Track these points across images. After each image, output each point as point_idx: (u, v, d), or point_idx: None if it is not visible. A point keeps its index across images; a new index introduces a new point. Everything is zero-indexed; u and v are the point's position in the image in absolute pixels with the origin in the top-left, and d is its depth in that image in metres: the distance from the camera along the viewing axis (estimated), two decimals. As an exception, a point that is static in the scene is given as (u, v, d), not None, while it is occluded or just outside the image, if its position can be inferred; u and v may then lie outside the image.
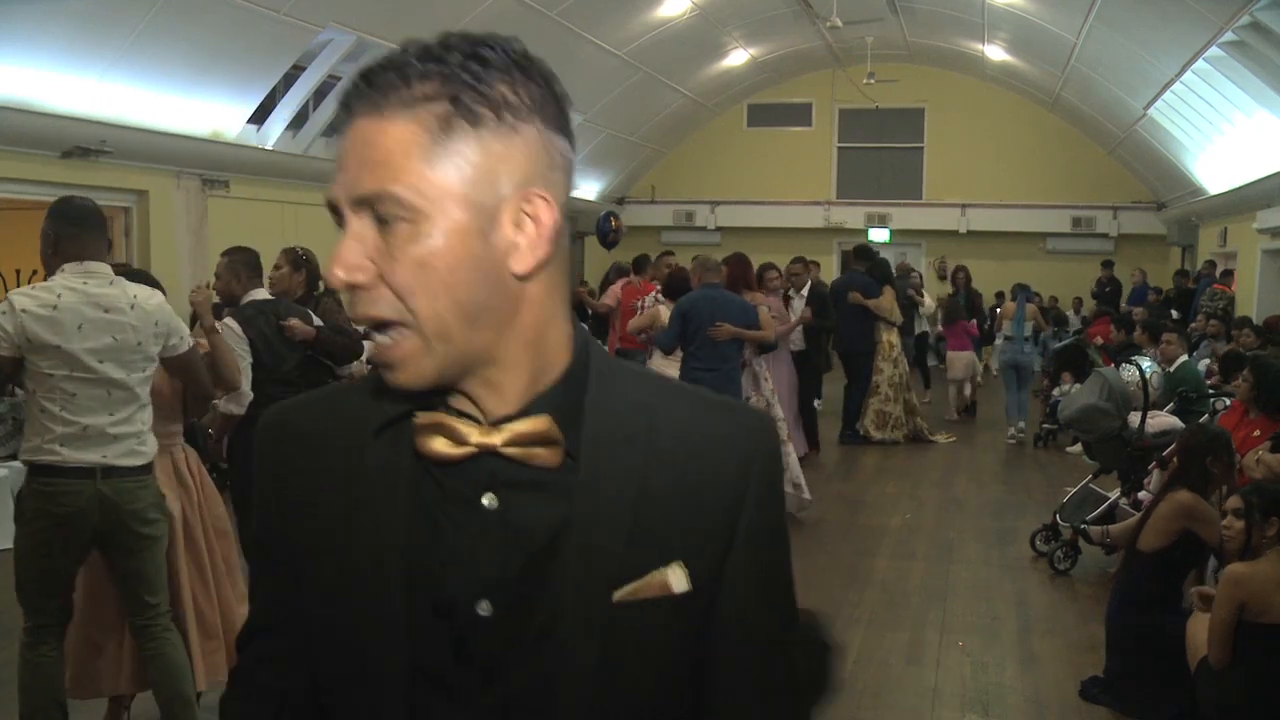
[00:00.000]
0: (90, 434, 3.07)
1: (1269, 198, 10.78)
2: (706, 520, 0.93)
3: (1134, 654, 4.11)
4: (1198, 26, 9.11)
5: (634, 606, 0.90)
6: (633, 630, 0.90)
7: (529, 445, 0.89)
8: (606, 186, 17.49)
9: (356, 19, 9.16)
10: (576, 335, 0.95)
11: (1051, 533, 6.14)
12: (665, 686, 0.94)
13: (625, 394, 0.94)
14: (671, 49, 13.42)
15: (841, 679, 4.04)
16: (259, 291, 4.48)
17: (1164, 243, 16.13)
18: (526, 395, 0.90)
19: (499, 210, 0.86)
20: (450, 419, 0.89)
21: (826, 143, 18.09)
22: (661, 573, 0.91)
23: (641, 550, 0.90)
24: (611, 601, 0.89)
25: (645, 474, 0.91)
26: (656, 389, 0.97)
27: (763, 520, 0.96)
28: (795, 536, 6.59)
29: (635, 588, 0.90)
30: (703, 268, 6.61)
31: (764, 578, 0.97)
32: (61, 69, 7.04)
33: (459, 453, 0.88)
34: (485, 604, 0.89)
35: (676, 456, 0.93)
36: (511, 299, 0.88)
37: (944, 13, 13.68)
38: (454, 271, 0.84)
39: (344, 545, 0.93)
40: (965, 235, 17.18)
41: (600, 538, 0.89)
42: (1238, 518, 3.68)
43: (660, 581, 0.91)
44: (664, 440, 0.93)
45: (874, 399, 9.73)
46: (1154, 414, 6.15)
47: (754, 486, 0.95)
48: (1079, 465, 7.99)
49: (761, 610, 0.98)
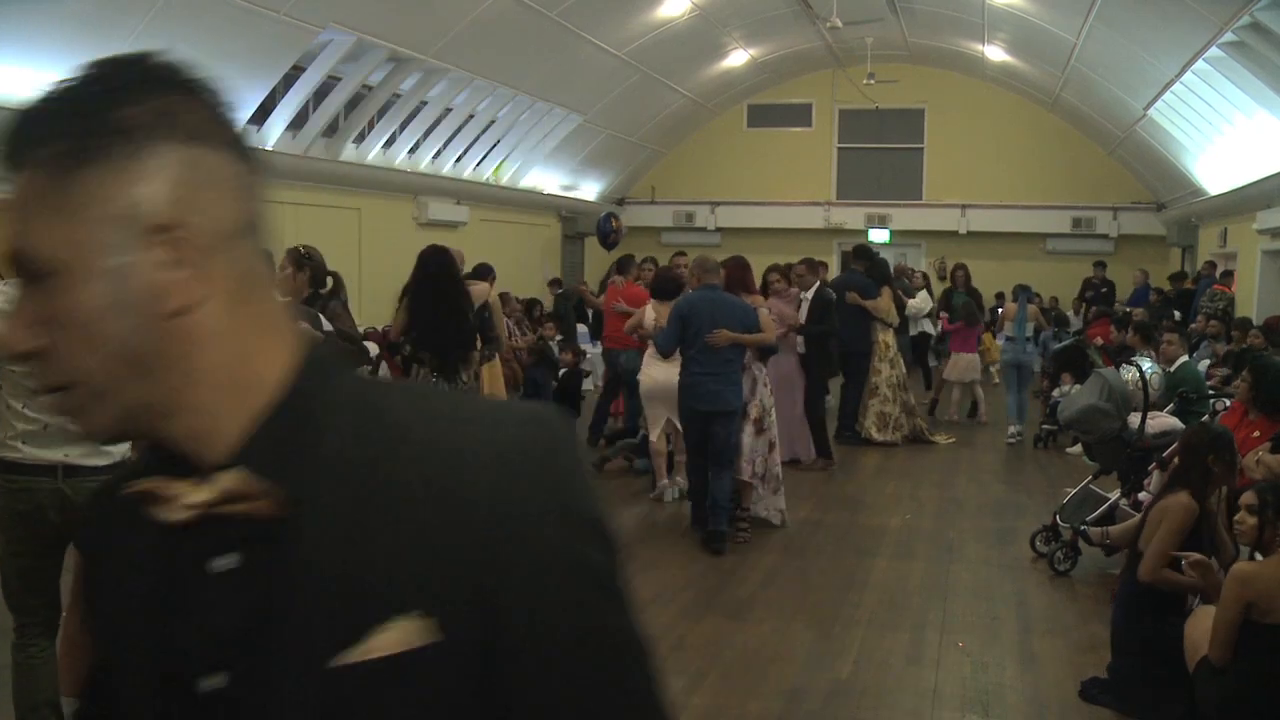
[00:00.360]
0: (51, 431, 3.05)
1: (1269, 198, 10.78)
2: (454, 562, 0.79)
3: (1138, 656, 4.11)
4: (1198, 27, 9.11)
5: (362, 670, 0.78)
6: (364, 697, 0.78)
7: (239, 501, 0.79)
8: (606, 187, 17.49)
9: (356, 19, 9.16)
10: (308, 361, 0.84)
11: (1052, 533, 6.14)
12: None
13: (366, 421, 0.82)
14: (671, 49, 13.42)
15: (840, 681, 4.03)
16: None
17: (1164, 243, 16.13)
18: (241, 440, 0.81)
19: (132, 247, 0.77)
20: (159, 484, 0.81)
21: (826, 143, 18.09)
22: (397, 626, 0.78)
23: (374, 603, 0.78)
24: (329, 668, 0.78)
25: (378, 514, 0.79)
26: (411, 411, 0.84)
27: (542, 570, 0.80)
28: (795, 536, 6.60)
29: (368, 646, 0.78)
30: (701, 269, 6.55)
31: (559, 652, 0.81)
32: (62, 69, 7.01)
33: (182, 517, 0.80)
34: (217, 677, 0.81)
35: (420, 489, 0.80)
36: (176, 341, 0.79)
37: (944, 13, 13.68)
38: (98, 323, 0.77)
39: (105, 625, 0.90)
40: (965, 236, 17.18)
41: (324, 592, 0.78)
42: (1251, 514, 3.68)
43: (395, 637, 0.78)
44: (406, 472, 0.80)
45: (874, 400, 9.72)
46: (1154, 415, 6.15)
47: (521, 524, 0.80)
48: (1079, 466, 7.99)
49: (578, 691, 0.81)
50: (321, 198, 10.47)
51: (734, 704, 4.12)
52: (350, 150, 10.99)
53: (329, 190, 10.68)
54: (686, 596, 5.41)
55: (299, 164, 9.78)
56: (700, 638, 4.83)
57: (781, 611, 5.26)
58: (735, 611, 5.20)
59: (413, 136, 11.81)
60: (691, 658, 4.56)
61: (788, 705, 4.13)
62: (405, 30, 9.68)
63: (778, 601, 5.42)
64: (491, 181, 13.71)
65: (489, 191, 13.70)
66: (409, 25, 9.65)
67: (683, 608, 5.23)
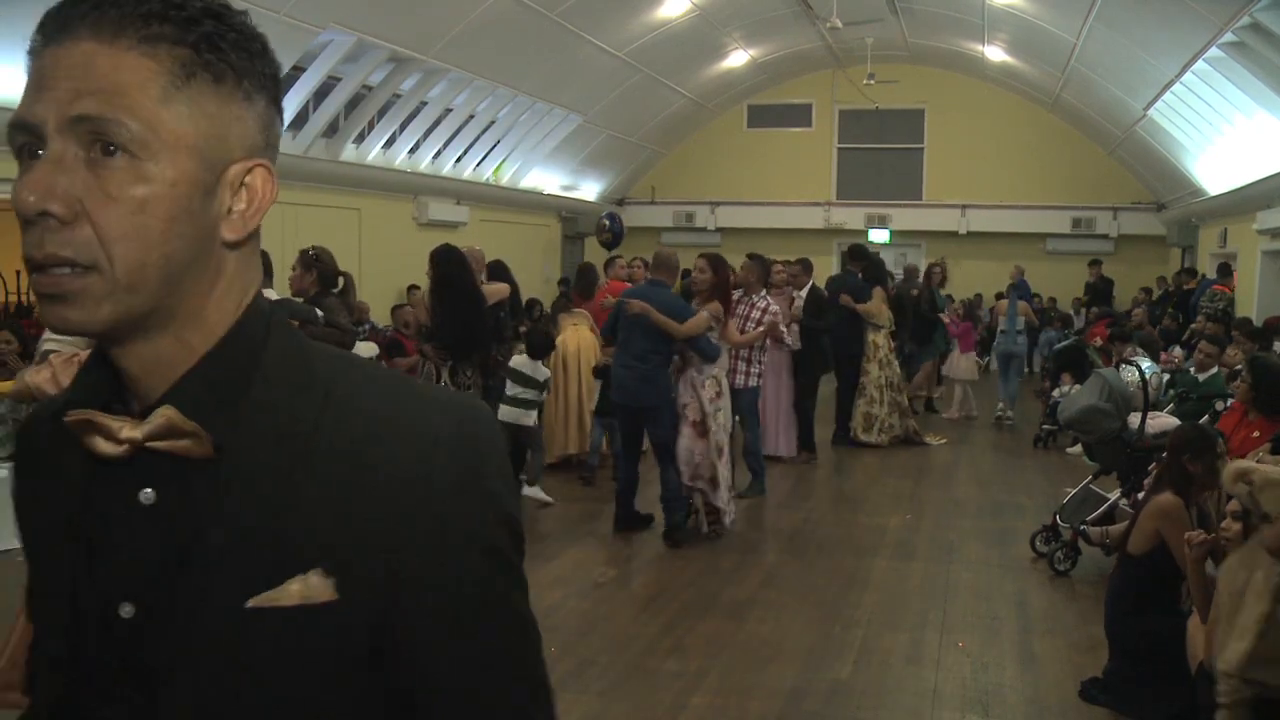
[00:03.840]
0: None
1: (1269, 198, 10.78)
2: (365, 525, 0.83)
3: (1134, 655, 4.11)
4: (1198, 27, 9.11)
5: (270, 615, 0.82)
6: (267, 641, 0.82)
7: (171, 438, 0.81)
8: (606, 187, 17.49)
9: (356, 19, 9.16)
10: (250, 314, 0.86)
11: (1052, 533, 6.14)
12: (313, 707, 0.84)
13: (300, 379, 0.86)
14: (671, 50, 13.42)
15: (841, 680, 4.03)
16: (268, 293, 4.49)
17: (1164, 243, 16.13)
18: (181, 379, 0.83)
19: (225, 172, 0.82)
20: (100, 416, 0.82)
21: (826, 143, 18.09)
22: (302, 580, 0.82)
23: (285, 554, 0.82)
24: (244, 608, 0.81)
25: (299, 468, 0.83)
26: (346, 377, 0.87)
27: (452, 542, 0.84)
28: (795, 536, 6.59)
29: (273, 595, 0.82)
30: (654, 263, 6.58)
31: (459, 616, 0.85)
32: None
33: (117, 451, 0.82)
34: (128, 606, 0.83)
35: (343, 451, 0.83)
36: (214, 265, 0.83)
37: (944, 13, 13.68)
38: (171, 223, 0.79)
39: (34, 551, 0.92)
40: (965, 236, 17.18)
41: (239, 537, 0.82)
42: (1236, 520, 3.67)
43: (298, 590, 0.82)
44: (333, 433, 0.84)
45: (860, 400, 9.75)
46: (1154, 415, 6.15)
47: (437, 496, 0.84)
48: (1079, 466, 7.99)
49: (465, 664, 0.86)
50: (321, 198, 10.48)
51: (734, 704, 4.12)
52: (350, 150, 10.99)
53: (329, 190, 10.68)
54: (686, 596, 5.41)
55: (299, 164, 9.77)
56: (700, 638, 4.83)
57: (781, 611, 5.26)
58: (735, 611, 5.20)
59: (413, 137, 11.81)
60: (691, 658, 4.56)
61: (788, 705, 4.12)
62: (405, 30, 9.68)
63: (778, 601, 5.42)
64: (491, 181, 13.70)
65: (489, 191, 13.70)
66: (409, 25, 9.64)
67: (683, 608, 5.23)
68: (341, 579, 0.83)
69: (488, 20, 10.05)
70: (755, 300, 7.62)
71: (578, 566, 5.87)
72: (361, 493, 0.83)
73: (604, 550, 6.24)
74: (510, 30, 10.51)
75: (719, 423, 6.39)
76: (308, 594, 0.82)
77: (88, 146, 0.78)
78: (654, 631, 4.88)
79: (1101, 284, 15.18)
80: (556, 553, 6.06)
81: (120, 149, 0.77)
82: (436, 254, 6.58)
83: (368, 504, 0.83)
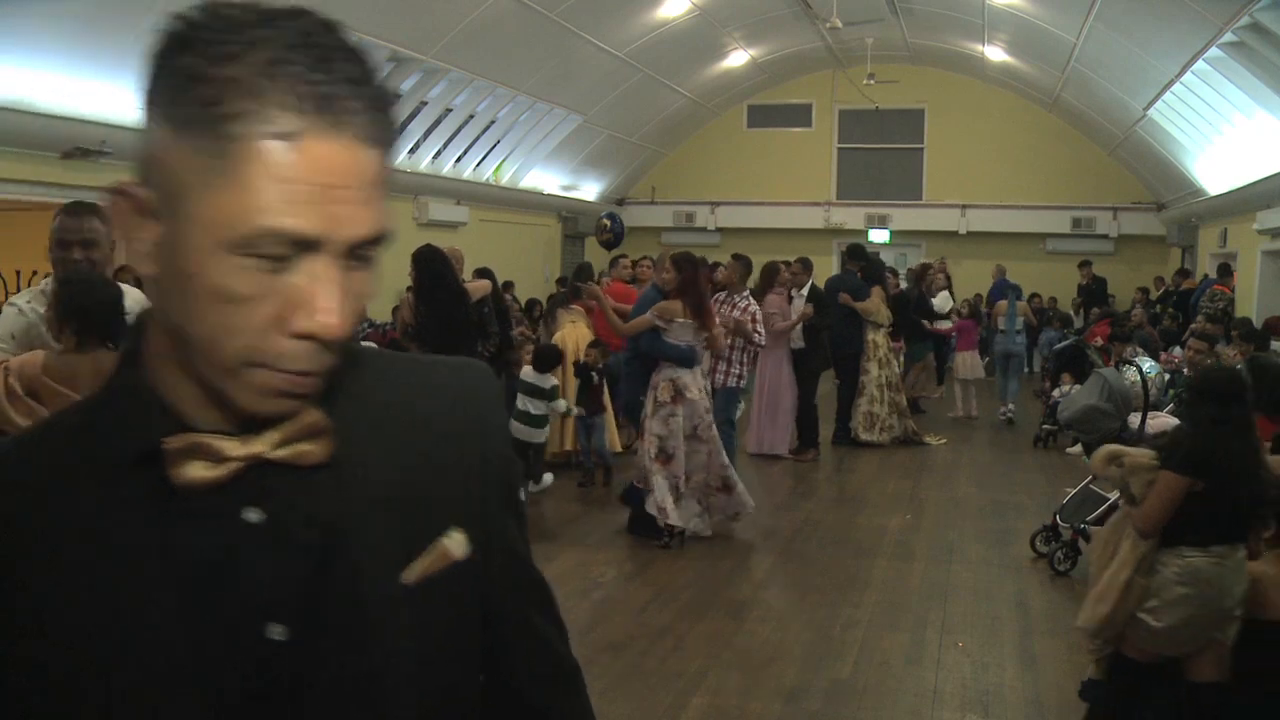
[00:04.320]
0: None
1: (1269, 198, 10.78)
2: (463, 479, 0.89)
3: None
4: (1197, 27, 9.11)
5: (428, 584, 0.85)
6: (433, 609, 0.85)
7: (298, 443, 0.80)
8: (606, 187, 17.48)
9: (356, 19, 9.15)
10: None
11: (1052, 534, 6.14)
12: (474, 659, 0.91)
13: (364, 370, 0.88)
14: (671, 50, 13.42)
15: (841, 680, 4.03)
16: None
17: (1164, 243, 16.13)
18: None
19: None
20: (204, 438, 0.78)
21: (826, 143, 18.08)
22: (442, 543, 0.86)
23: (418, 525, 0.86)
24: (405, 586, 0.84)
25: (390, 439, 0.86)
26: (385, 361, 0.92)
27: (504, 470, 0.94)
28: (795, 536, 6.58)
29: (424, 564, 0.85)
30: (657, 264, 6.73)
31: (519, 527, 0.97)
32: (61, 69, 7.03)
33: (218, 474, 0.78)
34: (278, 628, 0.79)
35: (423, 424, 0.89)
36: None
37: (944, 13, 13.68)
38: (370, 296, 0.82)
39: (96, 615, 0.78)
40: (965, 236, 17.18)
41: (378, 523, 0.84)
42: None
43: (442, 552, 0.86)
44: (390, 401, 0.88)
45: (861, 399, 9.75)
46: (1154, 415, 6.15)
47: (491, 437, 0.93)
48: (1079, 466, 7.99)
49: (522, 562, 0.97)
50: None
51: (734, 704, 4.12)
52: (350, 151, 10.98)
53: (329, 190, 10.66)
54: (686, 596, 5.41)
55: (299, 164, 9.76)
56: (700, 638, 4.83)
57: (781, 611, 5.26)
58: (735, 611, 5.20)
59: (412, 137, 11.80)
60: (691, 658, 4.56)
61: (788, 705, 4.13)
62: (405, 30, 9.68)
63: (778, 601, 5.42)
64: (491, 182, 13.70)
65: (489, 192, 13.70)
66: (409, 25, 9.64)
67: (683, 608, 5.23)
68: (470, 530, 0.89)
69: (488, 20, 10.05)
70: (736, 300, 7.62)
71: (578, 566, 5.87)
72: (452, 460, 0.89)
73: (604, 550, 6.24)
74: (510, 30, 10.51)
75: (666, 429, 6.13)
76: (453, 552, 0.87)
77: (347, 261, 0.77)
78: (654, 631, 4.88)
79: (1094, 285, 15.17)
80: (556, 553, 6.06)
81: (369, 261, 0.79)
82: (419, 254, 6.70)
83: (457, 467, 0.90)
